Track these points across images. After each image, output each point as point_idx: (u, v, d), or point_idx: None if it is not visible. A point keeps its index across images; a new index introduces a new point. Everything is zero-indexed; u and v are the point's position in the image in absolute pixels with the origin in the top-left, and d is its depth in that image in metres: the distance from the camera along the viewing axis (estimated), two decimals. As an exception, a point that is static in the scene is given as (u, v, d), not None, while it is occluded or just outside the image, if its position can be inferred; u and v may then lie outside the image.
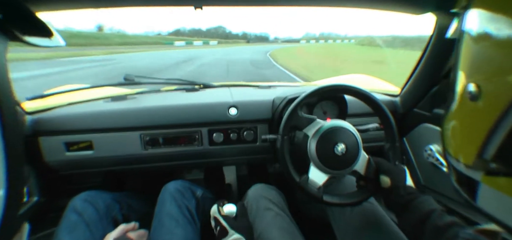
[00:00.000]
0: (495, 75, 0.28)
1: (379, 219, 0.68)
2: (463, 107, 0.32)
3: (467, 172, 0.31)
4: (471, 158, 0.30)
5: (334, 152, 0.63)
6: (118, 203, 0.84)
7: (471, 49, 0.32)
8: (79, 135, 0.85)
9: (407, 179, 0.61)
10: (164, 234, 0.70)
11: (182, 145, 0.92)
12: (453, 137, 0.35)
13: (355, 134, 0.65)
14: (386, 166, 0.63)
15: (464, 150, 0.32)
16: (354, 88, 0.69)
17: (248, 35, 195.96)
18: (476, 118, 0.29)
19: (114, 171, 0.95)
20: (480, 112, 0.29)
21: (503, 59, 0.27)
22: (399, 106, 1.03)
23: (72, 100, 0.96)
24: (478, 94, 0.28)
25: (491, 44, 0.29)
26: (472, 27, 0.32)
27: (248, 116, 0.93)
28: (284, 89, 1.11)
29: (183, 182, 0.85)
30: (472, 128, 0.30)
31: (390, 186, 0.60)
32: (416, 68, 0.94)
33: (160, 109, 0.90)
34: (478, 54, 0.30)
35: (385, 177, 0.61)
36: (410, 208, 0.55)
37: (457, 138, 0.34)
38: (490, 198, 0.29)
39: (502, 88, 0.26)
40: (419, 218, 0.52)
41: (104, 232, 0.70)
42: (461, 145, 0.33)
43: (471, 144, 0.30)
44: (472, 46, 0.31)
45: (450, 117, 0.35)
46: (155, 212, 0.77)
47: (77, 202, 0.74)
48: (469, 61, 0.32)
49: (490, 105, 0.27)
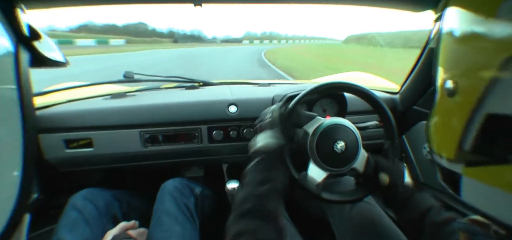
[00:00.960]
0: (469, 71, 0.29)
1: (378, 218, 0.69)
2: (443, 103, 0.34)
3: (450, 166, 0.32)
4: (452, 152, 0.31)
5: (334, 150, 0.63)
6: (117, 200, 0.84)
7: (448, 47, 0.33)
8: (79, 133, 0.85)
9: (405, 177, 0.61)
10: (162, 231, 0.70)
11: (182, 142, 0.92)
12: (435, 133, 0.36)
13: (354, 131, 0.65)
14: (385, 164, 0.63)
15: (445, 144, 0.33)
16: (353, 85, 0.68)
17: (176, 33, 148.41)
18: (454, 113, 0.31)
19: (114, 168, 0.95)
20: (457, 107, 0.30)
21: (475, 55, 0.29)
22: (398, 104, 1.03)
23: (72, 97, 0.96)
24: (455, 90, 0.30)
25: (464, 41, 0.30)
26: (448, 25, 0.33)
27: (248, 114, 0.93)
28: (283, 87, 1.11)
29: (182, 179, 0.86)
30: (451, 123, 0.32)
31: (389, 184, 0.60)
32: (415, 65, 0.94)
33: (159, 106, 0.90)
34: (454, 52, 0.32)
35: (383, 175, 0.61)
36: (408, 205, 0.56)
37: (439, 134, 0.36)
38: (472, 190, 0.30)
39: (475, 82, 0.28)
40: (418, 215, 0.53)
41: (104, 229, 0.70)
42: (443, 140, 0.34)
43: (451, 138, 0.31)
44: (449, 44, 0.33)
45: (432, 114, 0.37)
46: (153, 210, 0.77)
47: (77, 199, 0.74)
48: (446, 58, 0.34)
49: (465, 99, 0.29)
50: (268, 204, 0.47)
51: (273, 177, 0.51)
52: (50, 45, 0.44)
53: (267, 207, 0.46)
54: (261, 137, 0.61)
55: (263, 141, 0.59)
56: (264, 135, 0.60)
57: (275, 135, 0.59)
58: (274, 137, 0.59)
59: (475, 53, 0.29)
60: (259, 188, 0.49)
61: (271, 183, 0.50)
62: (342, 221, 0.72)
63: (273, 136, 0.59)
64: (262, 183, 0.50)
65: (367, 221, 0.68)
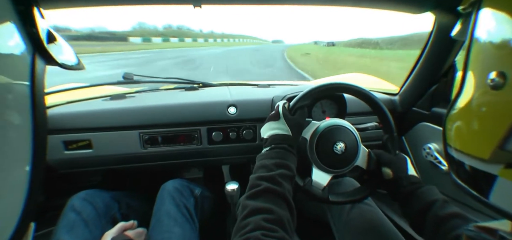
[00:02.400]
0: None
1: (378, 220, 0.68)
2: (482, 98, 0.31)
3: (482, 166, 0.30)
4: (488, 151, 0.29)
5: (334, 151, 0.63)
6: (117, 202, 0.84)
7: (488, 43, 0.31)
8: (78, 134, 0.85)
9: (409, 169, 0.61)
10: (162, 232, 0.70)
11: (181, 144, 0.92)
12: (465, 131, 0.33)
13: (352, 131, 0.65)
14: (386, 157, 0.63)
15: (479, 143, 0.31)
16: (345, 85, 0.68)
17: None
18: (499, 108, 0.28)
19: (113, 170, 0.95)
20: (504, 101, 0.28)
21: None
22: (398, 105, 1.03)
23: (71, 98, 0.96)
24: (503, 83, 0.27)
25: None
26: (488, 23, 0.31)
27: (247, 115, 0.93)
28: (283, 88, 1.11)
29: (182, 181, 0.85)
30: (492, 119, 0.29)
31: (393, 177, 0.60)
32: (415, 67, 0.95)
33: (159, 108, 0.90)
34: (499, 45, 0.30)
35: (386, 169, 0.61)
36: (412, 198, 0.55)
37: (472, 132, 0.32)
38: (508, 193, 0.28)
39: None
40: (421, 208, 0.53)
41: (103, 230, 0.70)
42: (476, 138, 0.32)
43: (489, 137, 0.29)
44: (489, 40, 0.31)
45: (460, 112, 0.34)
46: (153, 211, 0.77)
47: (76, 201, 0.74)
48: (486, 52, 0.31)
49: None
50: (282, 186, 0.49)
51: (284, 163, 0.54)
52: (65, 47, 0.45)
53: (281, 187, 0.49)
54: (272, 125, 0.62)
55: (274, 130, 0.61)
56: (274, 124, 0.62)
57: (282, 126, 0.60)
58: (282, 129, 0.60)
59: None
60: (272, 172, 0.51)
61: (283, 169, 0.52)
62: (342, 223, 0.72)
63: (281, 127, 0.60)
64: (275, 167, 0.53)
65: (367, 223, 0.68)
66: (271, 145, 0.58)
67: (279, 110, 0.63)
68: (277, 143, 0.58)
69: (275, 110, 0.64)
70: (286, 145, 0.57)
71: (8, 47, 0.35)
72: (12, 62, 0.36)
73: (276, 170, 0.52)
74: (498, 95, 0.28)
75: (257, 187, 0.48)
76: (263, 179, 0.50)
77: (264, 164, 0.54)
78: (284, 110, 0.62)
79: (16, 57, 0.37)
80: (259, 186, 0.48)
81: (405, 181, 0.58)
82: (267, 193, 0.47)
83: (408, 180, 0.58)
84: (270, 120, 0.63)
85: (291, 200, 0.49)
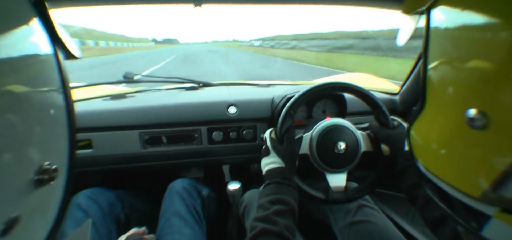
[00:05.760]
0: (506, 103, 0.23)
1: (382, 224, 0.68)
2: (465, 135, 0.27)
3: (473, 204, 0.27)
4: (479, 190, 0.26)
5: (336, 152, 0.63)
6: (120, 201, 0.84)
7: (461, 73, 0.28)
8: (78, 134, 0.85)
9: (405, 145, 0.60)
10: (173, 233, 0.68)
11: (182, 143, 0.92)
12: (454, 166, 0.29)
13: (351, 129, 0.65)
14: (384, 133, 0.63)
15: (469, 180, 0.27)
16: (340, 84, 0.68)
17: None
18: (488, 149, 0.25)
19: (114, 170, 0.95)
20: (493, 143, 0.24)
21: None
22: (398, 105, 1.03)
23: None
24: (486, 123, 0.24)
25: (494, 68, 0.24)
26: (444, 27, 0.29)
27: (248, 115, 0.93)
28: (283, 88, 1.11)
29: (190, 180, 0.85)
30: (482, 159, 0.26)
31: (390, 154, 0.61)
32: (415, 66, 0.95)
33: (159, 107, 0.90)
34: (473, 78, 0.26)
35: (384, 146, 0.62)
36: (405, 175, 0.57)
37: (460, 169, 0.28)
38: (503, 234, 0.25)
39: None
40: (413, 184, 0.54)
41: (108, 230, 0.69)
42: (466, 174, 0.28)
43: (481, 176, 0.26)
44: (462, 70, 0.28)
45: (442, 139, 0.31)
46: (161, 211, 0.76)
47: (81, 199, 0.74)
48: (462, 85, 0.28)
49: (508, 136, 0.23)
50: (277, 224, 0.49)
51: (279, 198, 0.53)
52: (70, 39, 0.46)
53: (276, 226, 0.48)
54: (265, 161, 0.62)
55: (267, 166, 0.61)
56: (267, 160, 0.62)
57: (275, 160, 0.60)
58: (274, 162, 0.60)
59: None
60: (267, 211, 0.51)
61: (278, 205, 0.52)
62: (346, 225, 0.71)
63: (273, 161, 0.60)
64: (270, 204, 0.52)
65: (371, 226, 0.67)
66: (266, 182, 0.58)
67: (267, 143, 0.63)
68: (271, 178, 0.58)
69: (264, 145, 0.64)
70: (279, 178, 0.57)
71: (34, 45, 0.34)
72: (41, 61, 0.36)
73: (271, 207, 0.51)
74: (484, 136, 0.25)
75: (254, 230, 0.48)
76: (259, 220, 0.50)
77: (260, 203, 0.54)
78: (272, 142, 0.62)
79: (42, 55, 0.36)
80: (255, 228, 0.48)
81: (400, 158, 0.59)
82: (263, 235, 0.47)
83: (403, 157, 0.59)
84: (263, 155, 0.63)
85: (290, 234, 0.48)
